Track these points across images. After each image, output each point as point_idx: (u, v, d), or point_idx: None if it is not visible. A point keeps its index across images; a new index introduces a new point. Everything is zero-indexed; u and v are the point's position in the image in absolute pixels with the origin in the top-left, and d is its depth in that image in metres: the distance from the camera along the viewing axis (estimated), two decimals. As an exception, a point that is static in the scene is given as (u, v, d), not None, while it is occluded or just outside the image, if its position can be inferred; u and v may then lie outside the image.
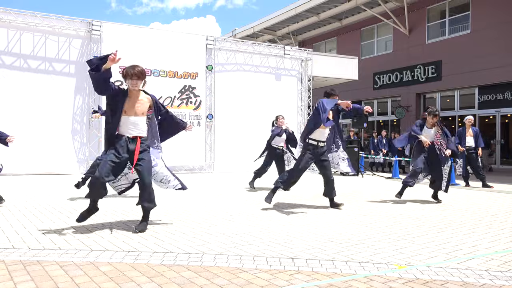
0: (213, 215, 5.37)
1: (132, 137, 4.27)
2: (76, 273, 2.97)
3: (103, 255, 3.43)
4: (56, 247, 3.63)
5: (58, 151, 11.02)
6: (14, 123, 10.57)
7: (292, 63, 14.69)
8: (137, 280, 2.84)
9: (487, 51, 15.40)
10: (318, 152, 5.89)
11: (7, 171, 10.35)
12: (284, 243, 3.92)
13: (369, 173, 13.49)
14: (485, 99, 16.01)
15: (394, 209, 6.17)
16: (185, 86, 12.73)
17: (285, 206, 6.15)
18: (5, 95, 10.62)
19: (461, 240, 4.20)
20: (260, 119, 13.09)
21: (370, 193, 8.20)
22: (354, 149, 12.73)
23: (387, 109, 20.29)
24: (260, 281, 2.88)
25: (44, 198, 6.63)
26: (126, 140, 4.23)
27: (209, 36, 13.13)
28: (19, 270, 3.01)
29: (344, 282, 2.89)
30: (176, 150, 12.24)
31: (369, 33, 20.81)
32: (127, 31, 12.05)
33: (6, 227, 4.40)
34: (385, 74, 19.55)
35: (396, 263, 3.34)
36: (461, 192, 8.63)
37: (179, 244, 3.83)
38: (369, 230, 4.60)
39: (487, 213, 5.88)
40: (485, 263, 3.39)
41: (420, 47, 18.00)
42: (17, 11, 10.86)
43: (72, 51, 11.44)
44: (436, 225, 4.96)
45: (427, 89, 17.89)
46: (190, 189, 8.42)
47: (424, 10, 17.88)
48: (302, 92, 14.75)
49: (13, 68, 10.82)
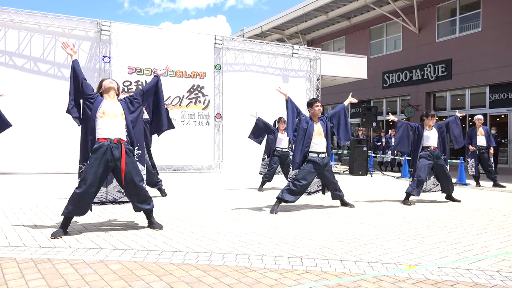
0: (222, 214, 5.38)
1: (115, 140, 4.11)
2: (86, 271, 3.00)
3: (113, 253, 3.45)
4: (66, 246, 3.67)
5: (67, 150, 11.12)
6: (26, 124, 10.73)
7: (300, 62, 14.66)
8: (146, 279, 2.85)
9: (498, 49, 15.20)
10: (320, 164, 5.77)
11: (18, 170, 10.50)
12: (293, 243, 3.92)
13: (378, 172, 13.41)
14: (496, 98, 15.81)
15: (403, 209, 6.13)
16: (194, 85, 12.78)
17: (293, 205, 6.14)
18: (17, 97, 10.75)
19: (472, 240, 4.15)
20: (269, 118, 13.05)
21: (379, 192, 8.15)
22: (363, 149, 12.66)
23: (397, 108, 20.14)
24: (269, 280, 2.87)
25: (54, 197, 6.70)
26: (108, 145, 4.07)
27: (217, 36, 13.16)
28: (30, 268, 3.05)
29: (353, 282, 2.88)
30: (185, 150, 12.31)
31: (378, 31, 20.67)
32: (136, 31, 12.13)
33: (18, 226, 4.46)
34: (394, 73, 19.40)
35: (406, 263, 3.32)
36: (472, 192, 8.53)
37: (187, 243, 3.84)
38: (378, 230, 4.57)
39: (498, 213, 5.81)
40: (496, 264, 3.34)
41: (430, 45, 17.83)
42: (29, 12, 10.99)
43: (81, 55, 11.47)
44: (446, 225, 4.92)
45: (437, 88, 17.72)
46: (199, 188, 8.48)
47: (434, 8, 17.71)
48: (310, 92, 14.71)
49: (24, 70, 10.96)
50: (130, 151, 4.24)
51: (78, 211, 4.05)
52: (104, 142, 4.07)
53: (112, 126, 4.14)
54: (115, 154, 4.08)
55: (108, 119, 4.14)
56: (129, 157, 4.20)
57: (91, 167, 4.02)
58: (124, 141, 4.20)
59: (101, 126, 4.12)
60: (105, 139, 4.08)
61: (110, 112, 4.18)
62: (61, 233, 3.98)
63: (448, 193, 6.92)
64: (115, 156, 4.08)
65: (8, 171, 10.43)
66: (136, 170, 4.24)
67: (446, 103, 17.80)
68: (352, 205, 6.14)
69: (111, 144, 4.09)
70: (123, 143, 4.17)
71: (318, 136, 5.75)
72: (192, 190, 8.14)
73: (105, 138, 4.09)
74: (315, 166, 5.68)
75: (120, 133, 4.18)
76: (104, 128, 4.11)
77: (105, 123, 4.12)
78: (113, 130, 4.13)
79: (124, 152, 4.13)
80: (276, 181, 9.02)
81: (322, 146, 5.76)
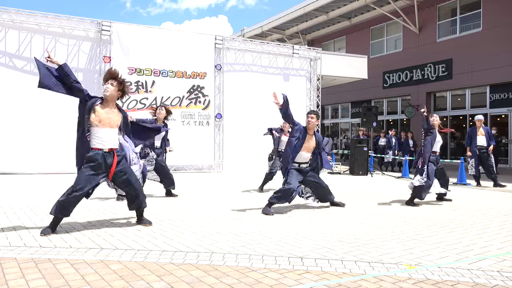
0: (222, 214, 5.38)
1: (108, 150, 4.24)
2: (86, 271, 3.00)
3: (113, 253, 3.45)
4: (67, 246, 3.67)
5: (68, 151, 11.09)
6: (27, 124, 10.74)
7: (301, 62, 14.66)
8: (147, 279, 2.86)
9: (498, 49, 15.19)
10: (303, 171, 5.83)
11: (19, 170, 10.50)
12: (293, 243, 3.92)
13: (379, 172, 13.41)
14: (496, 98, 15.80)
15: (403, 209, 6.13)
16: (194, 86, 12.77)
17: (293, 205, 6.14)
18: (18, 97, 10.75)
19: (472, 240, 4.15)
20: (269, 118, 13.05)
21: (379, 192, 8.15)
22: (363, 149, 12.66)
23: (397, 108, 20.14)
24: (269, 280, 2.88)
25: (55, 197, 6.69)
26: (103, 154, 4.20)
27: (217, 36, 13.15)
28: (30, 268, 3.05)
29: (354, 282, 2.88)
30: (185, 150, 12.30)
31: (378, 31, 20.67)
32: (136, 31, 12.12)
33: (18, 226, 4.46)
34: (394, 73, 19.40)
35: (406, 263, 3.32)
36: (472, 192, 8.53)
37: (188, 243, 3.85)
38: (378, 230, 4.57)
39: (499, 213, 5.81)
40: (497, 264, 3.34)
41: (431, 45, 17.82)
42: (29, 12, 10.99)
43: (81, 57, 11.46)
44: (447, 225, 4.91)
45: (438, 88, 17.71)
46: (200, 188, 8.48)
47: (435, 8, 17.70)
48: (311, 92, 14.71)
49: (24, 71, 10.94)
50: (121, 157, 4.39)
51: (65, 213, 4.15)
52: (98, 151, 4.20)
53: (105, 136, 4.23)
54: (108, 162, 4.25)
55: (102, 129, 4.21)
56: (122, 163, 4.36)
57: (83, 174, 4.16)
58: (116, 149, 4.34)
59: (96, 136, 4.20)
60: (98, 149, 4.21)
61: (106, 122, 4.23)
62: (50, 232, 4.09)
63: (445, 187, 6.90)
64: (108, 164, 4.25)
65: (9, 171, 10.43)
66: (131, 173, 4.43)
67: (447, 103, 17.79)
68: (342, 204, 6.14)
69: (105, 153, 4.23)
70: (115, 150, 4.32)
71: (305, 150, 5.80)
72: (193, 190, 8.14)
73: (100, 148, 4.21)
74: (298, 171, 5.78)
75: (112, 143, 4.30)
76: (97, 138, 4.21)
77: (99, 133, 4.20)
78: (105, 141, 4.24)
79: (116, 160, 4.29)
80: (276, 181, 9.01)
81: (305, 158, 5.84)
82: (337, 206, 6.10)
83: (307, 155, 5.85)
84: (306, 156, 5.85)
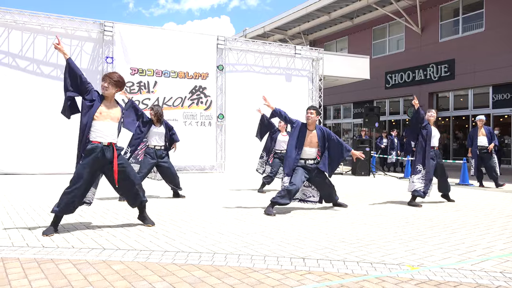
0: (224, 215, 5.38)
1: (107, 143, 4.21)
2: (89, 271, 3.00)
3: (115, 253, 3.46)
4: (69, 246, 3.68)
5: (69, 151, 11.11)
6: (28, 124, 10.77)
7: (303, 62, 14.65)
8: (149, 279, 2.86)
9: (501, 49, 15.16)
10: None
11: (21, 171, 10.54)
12: (295, 243, 3.92)
13: (381, 173, 13.39)
14: (499, 98, 15.76)
15: (406, 209, 6.11)
16: (196, 86, 12.79)
17: (295, 206, 6.14)
18: (19, 97, 10.78)
19: (475, 241, 4.14)
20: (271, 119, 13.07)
21: (381, 193, 8.14)
22: (365, 149, 12.65)
23: (399, 109, 20.11)
24: (271, 281, 2.87)
25: (56, 197, 6.70)
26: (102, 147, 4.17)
27: (219, 36, 13.16)
28: (33, 268, 3.06)
29: (356, 283, 2.87)
30: (187, 150, 12.30)
31: (380, 32, 20.65)
32: (138, 31, 12.14)
33: (21, 226, 4.47)
34: (397, 73, 19.38)
35: (409, 264, 3.31)
36: (475, 192, 8.51)
37: (190, 244, 3.85)
38: (380, 230, 4.57)
39: (502, 214, 5.79)
40: (500, 265, 3.33)
41: (433, 45, 17.79)
42: (32, 13, 11.02)
43: (84, 57, 11.47)
44: (449, 226, 4.90)
45: (440, 88, 17.68)
46: (202, 188, 8.48)
47: (437, 9, 17.68)
48: (313, 92, 14.70)
49: (26, 71, 10.97)
50: (120, 151, 4.40)
51: (66, 210, 4.14)
52: (97, 144, 4.16)
53: (106, 130, 4.22)
54: (107, 155, 4.20)
55: (103, 122, 4.20)
56: (121, 158, 4.36)
57: (82, 168, 4.12)
58: (115, 144, 4.31)
59: (95, 128, 4.19)
60: (98, 142, 4.18)
61: (106, 114, 4.23)
62: (52, 231, 4.08)
63: (445, 192, 6.90)
64: (107, 158, 4.21)
65: (11, 171, 10.46)
66: (130, 167, 4.50)
67: (449, 103, 17.77)
68: (345, 205, 6.12)
69: (104, 147, 4.19)
70: (114, 145, 4.29)
71: (308, 146, 5.79)
72: (195, 190, 8.14)
73: (98, 141, 4.18)
74: (305, 170, 5.74)
75: (112, 137, 4.28)
76: (97, 131, 4.18)
77: (100, 126, 4.19)
78: (106, 134, 4.22)
79: (116, 154, 4.26)
80: (276, 182, 9.00)
81: (310, 154, 5.81)
82: (340, 206, 6.10)
83: (311, 150, 5.82)
84: (310, 152, 5.82)
